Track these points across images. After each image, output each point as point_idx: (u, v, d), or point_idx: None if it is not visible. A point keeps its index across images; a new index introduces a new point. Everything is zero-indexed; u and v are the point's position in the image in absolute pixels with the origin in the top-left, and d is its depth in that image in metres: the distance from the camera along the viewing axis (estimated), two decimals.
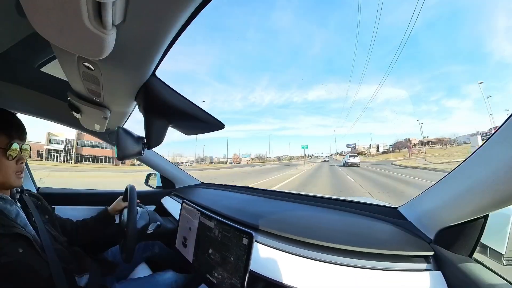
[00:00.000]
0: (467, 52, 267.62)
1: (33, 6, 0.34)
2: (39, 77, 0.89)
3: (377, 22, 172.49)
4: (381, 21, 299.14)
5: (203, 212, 0.98)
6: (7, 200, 0.80)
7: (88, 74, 0.63)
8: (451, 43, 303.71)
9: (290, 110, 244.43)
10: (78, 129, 1.39)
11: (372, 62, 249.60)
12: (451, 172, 0.70)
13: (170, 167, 1.92)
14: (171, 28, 0.45)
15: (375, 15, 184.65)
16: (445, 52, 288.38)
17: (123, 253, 1.04)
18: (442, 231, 0.74)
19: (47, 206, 1.03)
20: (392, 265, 0.70)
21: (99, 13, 0.34)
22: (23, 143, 0.84)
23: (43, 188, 1.64)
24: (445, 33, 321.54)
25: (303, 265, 0.75)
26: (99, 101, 0.85)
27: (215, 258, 0.83)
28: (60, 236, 0.96)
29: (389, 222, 0.94)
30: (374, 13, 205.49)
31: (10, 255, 0.69)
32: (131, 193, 1.13)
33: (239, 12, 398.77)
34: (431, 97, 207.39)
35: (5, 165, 0.77)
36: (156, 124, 0.85)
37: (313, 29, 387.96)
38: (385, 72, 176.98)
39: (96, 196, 1.75)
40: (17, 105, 1.10)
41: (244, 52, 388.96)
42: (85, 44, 0.41)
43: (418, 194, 0.88)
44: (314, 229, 0.91)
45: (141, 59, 0.56)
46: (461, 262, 0.63)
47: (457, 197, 0.66)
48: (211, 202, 1.41)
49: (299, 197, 1.41)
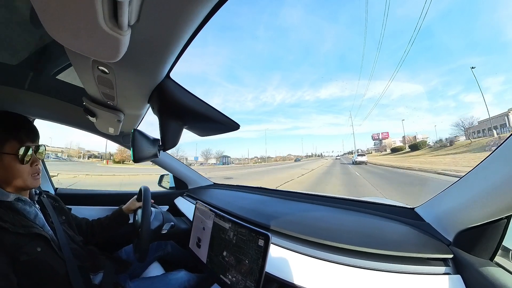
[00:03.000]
0: (485, 42, 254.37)
1: (48, 14, 0.34)
2: (55, 84, 0.92)
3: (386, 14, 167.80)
4: (392, 14, 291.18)
5: (217, 213, 0.98)
6: (26, 202, 0.84)
7: (103, 78, 0.64)
8: (468, 33, 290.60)
9: (302, 109, 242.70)
10: (94, 133, 1.43)
11: (385, 57, 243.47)
12: (472, 170, 0.67)
13: (183, 168, 1.95)
14: (186, 29, 0.45)
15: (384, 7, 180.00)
16: (462, 43, 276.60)
17: (137, 252, 1.06)
18: (461, 233, 0.71)
19: (64, 207, 1.08)
20: (409, 268, 0.68)
21: (115, 14, 0.34)
22: (36, 145, 0.86)
23: (60, 189, 1.70)
24: (461, 23, 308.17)
25: (317, 267, 0.74)
26: (113, 104, 0.87)
27: (229, 260, 0.83)
28: (76, 236, 1.00)
29: (405, 223, 0.92)
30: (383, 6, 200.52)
31: (29, 253, 0.73)
32: (145, 194, 1.14)
33: (248, 11, 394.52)
34: (448, 92, 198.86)
35: (19, 169, 0.80)
36: (171, 126, 0.86)
37: (324, 25, 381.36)
38: (397, 65, 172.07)
39: (111, 196, 1.80)
40: (35, 111, 1.15)
41: (254, 51, 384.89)
42: (100, 47, 0.41)
43: (436, 194, 0.84)
44: (328, 230, 0.89)
45: (154, 60, 0.56)
46: (482, 266, 0.61)
47: (478, 196, 0.63)
48: (224, 203, 1.42)
49: (312, 198, 1.40)
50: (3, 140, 0.78)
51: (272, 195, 1.62)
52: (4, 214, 0.74)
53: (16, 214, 0.77)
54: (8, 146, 0.78)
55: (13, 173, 0.80)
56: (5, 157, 0.78)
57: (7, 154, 0.78)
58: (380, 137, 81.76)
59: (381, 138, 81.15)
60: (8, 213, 0.75)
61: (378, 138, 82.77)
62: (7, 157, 0.78)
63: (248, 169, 31.24)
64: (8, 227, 0.71)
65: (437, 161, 23.09)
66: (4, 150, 0.78)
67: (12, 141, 0.79)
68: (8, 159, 0.78)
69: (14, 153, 0.79)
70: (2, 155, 0.78)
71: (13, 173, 0.80)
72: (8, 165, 0.79)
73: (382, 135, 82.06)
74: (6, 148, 0.78)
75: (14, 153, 0.79)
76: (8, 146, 0.78)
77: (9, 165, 0.79)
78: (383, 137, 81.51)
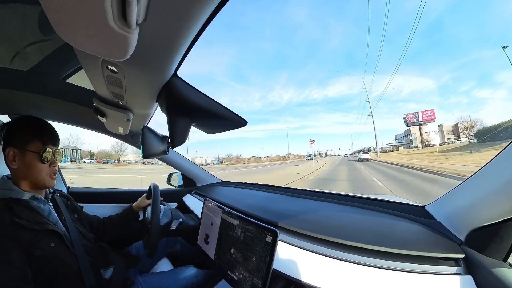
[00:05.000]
0: (498, 34, 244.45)
1: (59, 17, 0.35)
2: (65, 87, 0.96)
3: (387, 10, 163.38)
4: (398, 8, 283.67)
5: (225, 210, 0.99)
6: (40, 200, 0.88)
7: (112, 77, 0.66)
8: (479, 25, 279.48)
9: (310, 108, 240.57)
10: (104, 133, 1.46)
11: (392, 53, 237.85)
12: (484, 166, 0.65)
13: (191, 166, 1.97)
14: (192, 27, 0.45)
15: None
16: (474, 36, 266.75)
17: (147, 248, 1.08)
18: (473, 232, 0.69)
19: (76, 205, 1.12)
20: (419, 267, 0.67)
21: (123, 13, 0.34)
22: (56, 148, 0.92)
23: (72, 188, 1.75)
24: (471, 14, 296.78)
25: (325, 264, 0.74)
26: (122, 104, 0.89)
27: (236, 258, 0.84)
28: (88, 233, 1.04)
29: (415, 221, 0.90)
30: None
31: (43, 249, 0.77)
32: (155, 191, 1.17)
33: (253, 9, 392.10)
34: (460, 88, 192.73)
35: (39, 168, 0.86)
36: (179, 123, 0.87)
37: (331, 21, 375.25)
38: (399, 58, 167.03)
39: (122, 194, 1.84)
40: (47, 114, 1.19)
41: (261, 50, 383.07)
42: (110, 46, 0.42)
43: (448, 191, 0.82)
44: (338, 228, 0.89)
45: (162, 58, 0.57)
46: (494, 267, 0.58)
47: (492, 194, 0.61)
48: (233, 200, 1.43)
49: (321, 195, 1.39)
50: (28, 140, 0.85)
51: (280, 193, 1.62)
52: (21, 211, 0.78)
53: (31, 211, 0.82)
54: (32, 145, 0.86)
55: (32, 171, 0.86)
56: (28, 155, 0.85)
57: (30, 152, 0.85)
58: (420, 118, 49.15)
59: (420, 121, 48.45)
60: (24, 211, 0.79)
61: (415, 121, 49.72)
62: (29, 155, 0.85)
63: (230, 170, 31.05)
64: (24, 224, 0.75)
65: None
66: (28, 148, 0.85)
67: (36, 141, 0.86)
68: (30, 157, 0.85)
69: (37, 152, 0.85)
70: (26, 152, 0.84)
71: (32, 171, 0.86)
72: (30, 162, 0.85)
73: (423, 115, 49.23)
74: (30, 147, 0.85)
75: (37, 152, 0.85)
76: (32, 145, 0.86)
77: (30, 162, 0.85)
78: (425, 118, 49.60)
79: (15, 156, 0.84)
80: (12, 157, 0.84)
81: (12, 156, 0.84)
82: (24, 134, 0.86)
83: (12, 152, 0.84)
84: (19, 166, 0.84)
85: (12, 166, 0.85)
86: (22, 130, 0.86)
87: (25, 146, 0.85)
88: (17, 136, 0.85)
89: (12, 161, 0.84)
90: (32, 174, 0.86)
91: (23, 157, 0.84)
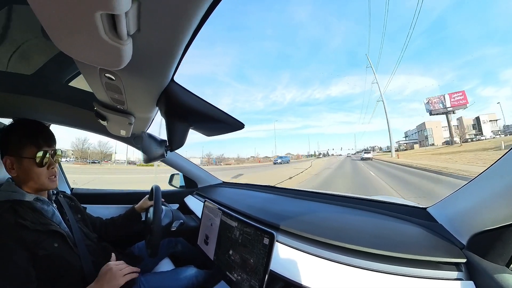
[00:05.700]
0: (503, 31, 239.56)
1: (55, 29, 0.36)
2: (68, 91, 0.96)
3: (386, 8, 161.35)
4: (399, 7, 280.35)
5: (224, 211, 1.00)
6: (44, 201, 0.90)
7: (110, 84, 0.66)
8: (483, 22, 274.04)
9: (313, 108, 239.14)
10: (106, 135, 1.47)
11: (394, 50, 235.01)
12: (488, 168, 0.64)
13: (193, 168, 1.98)
14: (184, 34, 0.46)
15: None
16: (478, 34, 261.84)
17: (149, 248, 1.10)
18: (476, 236, 0.67)
19: (79, 206, 1.13)
20: (419, 271, 0.66)
21: (114, 25, 0.35)
22: (53, 148, 0.92)
23: (76, 189, 1.78)
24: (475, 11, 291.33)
25: (324, 267, 0.74)
26: (123, 108, 0.89)
27: (235, 259, 0.85)
28: (90, 233, 1.06)
29: (417, 224, 0.89)
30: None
31: (47, 249, 0.79)
32: (156, 192, 1.19)
33: (255, 9, 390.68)
34: (464, 86, 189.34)
35: (37, 172, 0.86)
36: (178, 127, 0.88)
37: (333, 20, 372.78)
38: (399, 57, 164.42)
39: (124, 195, 1.86)
40: (50, 117, 1.21)
41: (263, 50, 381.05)
42: (104, 56, 0.43)
43: (451, 193, 0.81)
44: (337, 230, 0.88)
45: (158, 66, 0.58)
46: (497, 273, 0.57)
47: (495, 197, 0.60)
48: (233, 201, 1.43)
49: (322, 196, 1.39)
50: (22, 146, 0.85)
51: (281, 194, 1.61)
52: (25, 213, 0.80)
53: (35, 212, 0.83)
54: (27, 150, 0.85)
55: (31, 176, 0.86)
56: (24, 161, 0.85)
57: (26, 158, 0.85)
58: (447, 104, 38.95)
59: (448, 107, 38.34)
60: (28, 212, 0.81)
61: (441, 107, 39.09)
62: (26, 161, 0.85)
63: None
64: (28, 225, 0.77)
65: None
66: (23, 154, 0.84)
67: (30, 146, 0.86)
68: (27, 163, 0.85)
69: (32, 157, 0.85)
70: (22, 159, 0.84)
71: (31, 176, 0.86)
72: (27, 168, 0.85)
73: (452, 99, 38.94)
74: (25, 153, 0.85)
75: (32, 157, 0.85)
76: (27, 150, 0.85)
77: (28, 168, 0.85)
78: (453, 104, 39.88)
79: (12, 164, 0.85)
80: (10, 165, 0.85)
81: (10, 164, 0.85)
82: (17, 140, 0.85)
83: (9, 160, 0.84)
84: (18, 174, 0.85)
85: (11, 174, 0.86)
86: (15, 136, 0.86)
87: (19, 152, 0.84)
88: (11, 143, 0.85)
89: (11, 169, 0.85)
90: (31, 179, 0.86)
91: (20, 164, 0.85)
